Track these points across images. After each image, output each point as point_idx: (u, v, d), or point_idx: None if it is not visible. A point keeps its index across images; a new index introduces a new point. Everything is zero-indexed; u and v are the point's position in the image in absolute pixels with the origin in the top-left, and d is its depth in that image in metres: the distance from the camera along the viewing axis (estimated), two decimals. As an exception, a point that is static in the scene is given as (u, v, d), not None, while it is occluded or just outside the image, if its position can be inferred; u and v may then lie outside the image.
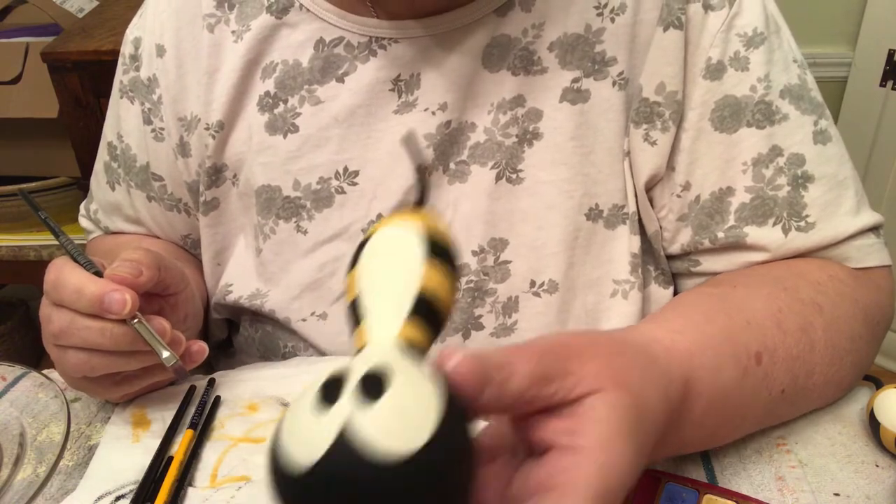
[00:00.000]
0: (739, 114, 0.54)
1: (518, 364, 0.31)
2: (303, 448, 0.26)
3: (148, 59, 0.63)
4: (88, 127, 1.20)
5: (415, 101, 0.56)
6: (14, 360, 0.55)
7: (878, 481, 0.46)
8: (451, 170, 0.57)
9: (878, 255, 0.56)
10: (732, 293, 0.50)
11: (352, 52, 0.57)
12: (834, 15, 1.63)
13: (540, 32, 0.55)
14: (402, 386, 0.27)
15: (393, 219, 0.35)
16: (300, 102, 0.58)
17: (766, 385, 0.46)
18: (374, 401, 0.26)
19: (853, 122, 1.66)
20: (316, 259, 0.59)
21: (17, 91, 1.29)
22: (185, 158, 0.63)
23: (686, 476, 0.45)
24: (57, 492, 0.47)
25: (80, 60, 1.15)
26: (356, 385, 0.27)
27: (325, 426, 0.26)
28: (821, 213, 0.54)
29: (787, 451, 0.49)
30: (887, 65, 1.58)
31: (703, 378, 0.41)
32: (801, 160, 0.54)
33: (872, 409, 0.49)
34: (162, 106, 0.63)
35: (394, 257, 0.33)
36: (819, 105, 0.56)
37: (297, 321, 0.60)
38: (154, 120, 0.64)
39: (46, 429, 0.50)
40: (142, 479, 0.47)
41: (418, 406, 0.27)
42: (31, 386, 0.53)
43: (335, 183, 0.58)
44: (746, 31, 0.54)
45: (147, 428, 0.52)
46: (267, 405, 0.54)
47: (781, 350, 0.47)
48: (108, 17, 1.30)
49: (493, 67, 0.56)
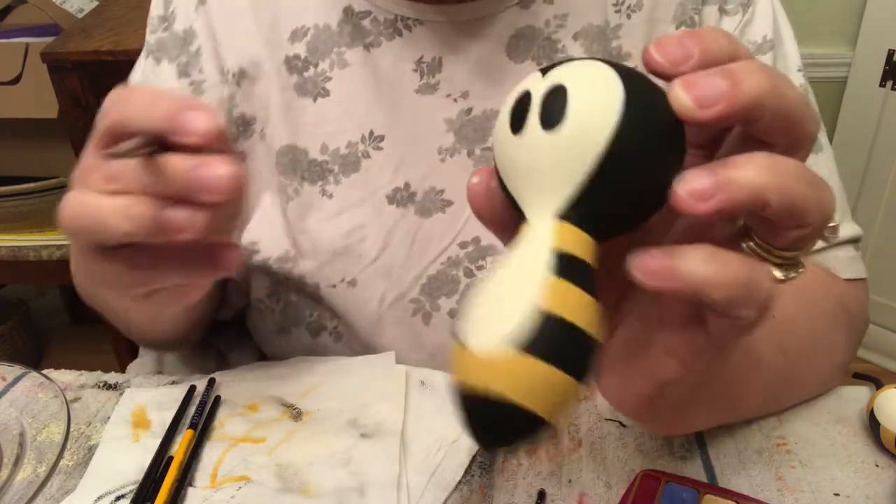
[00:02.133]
0: None
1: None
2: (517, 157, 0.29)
3: (184, 12, 0.61)
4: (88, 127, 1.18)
5: (436, 84, 0.57)
6: (14, 360, 0.55)
7: (878, 481, 0.46)
8: (476, 155, 0.57)
9: (855, 268, 0.57)
10: None
11: (378, 27, 0.57)
12: (834, 15, 1.63)
13: (563, 23, 0.56)
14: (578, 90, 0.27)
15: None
16: (331, 66, 0.58)
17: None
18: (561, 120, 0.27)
19: (853, 122, 1.66)
20: (342, 225, 0.58)
21: (16, 91, 1.30)
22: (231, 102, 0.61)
23: (686, 476, 0.45)
24: (57, 492, 0.47)
25: (80, 60, 1.15)
26: (541, 97, 0.28)
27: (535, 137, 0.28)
28: None
29: (787, 451, 0.49)
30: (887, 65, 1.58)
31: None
32: None
33: (872, 409, 0.49)
34: (201, 58, 0.61)
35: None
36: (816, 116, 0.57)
37: (326, 287, 0.59)
38: (192, 72, 0.61)
39: (46, 429, 0.50)
40: (142, 479, 0.47)
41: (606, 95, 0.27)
42: (31, 386, 0.53)
43: (361, 147, 0.58)
44: (756, 39, 0.56)
45: (147, 428, 0.52)
46: (267, 405, 0.54)
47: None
48: (107, 17, 1.30)
49: (518, 58, 0.57)
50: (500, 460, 0.49)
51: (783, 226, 0.28)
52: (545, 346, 0.26)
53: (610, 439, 0.50)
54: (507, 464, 0.48)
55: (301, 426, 0.51)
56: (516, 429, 0.27)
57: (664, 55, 0.28)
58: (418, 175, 0.58)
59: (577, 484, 0.47)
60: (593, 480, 0.47)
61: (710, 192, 0.26)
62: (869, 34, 1.60)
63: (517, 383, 0.26)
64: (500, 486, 0.47)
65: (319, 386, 0.55)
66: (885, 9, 1.57)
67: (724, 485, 0.46)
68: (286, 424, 0.52)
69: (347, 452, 0.49)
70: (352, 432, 0.50)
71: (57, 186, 1.39)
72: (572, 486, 0.47)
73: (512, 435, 0.27)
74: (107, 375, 0.58)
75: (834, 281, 0.56)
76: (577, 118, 0.27)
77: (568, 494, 0.46)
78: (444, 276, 0.56)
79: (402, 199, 0.58)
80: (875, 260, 1.64)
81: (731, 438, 0.50)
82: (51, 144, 1.33)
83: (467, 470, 0.48)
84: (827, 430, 0.50)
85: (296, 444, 0.50)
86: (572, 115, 0.27)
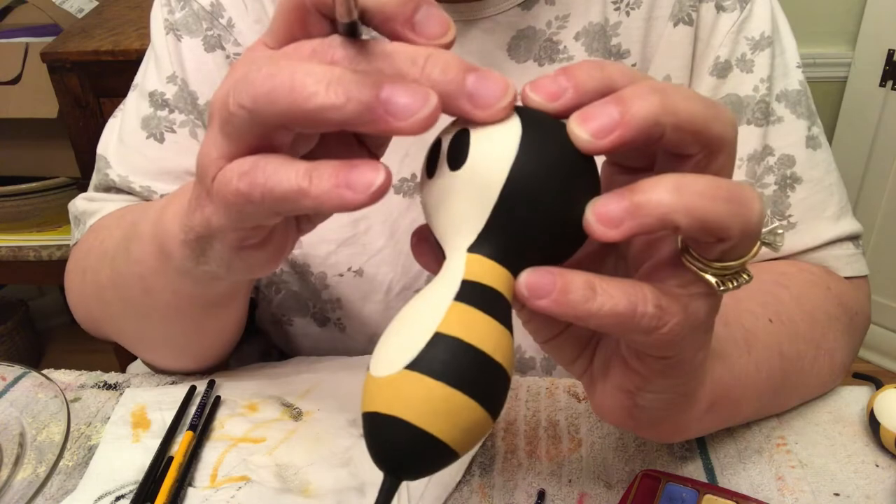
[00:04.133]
0: (741, 112, 0.56)
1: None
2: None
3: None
4: (88, 127, 1.20)
5: None
6: (14, 360, 0.55)
7: (878, 481, 0.46)
8: None
9: (856, 266, 0.57)
10: None
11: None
12: (834, 15, 1.63)
13: (564, 24, 0.57)
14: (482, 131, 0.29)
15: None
16: None
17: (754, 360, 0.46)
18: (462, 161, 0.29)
19: (853, 122, 1.66)
20: (348, 214, 0.58)
21: (16, 91, 1.30)
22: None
23: (686, 476, 0.45)
24: (57, 492, 0.47)
25: (80, 61, 1.15)
26: (446, 145, 0.30)
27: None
28: (803, 215, 0.56)
29: (787, 451, 0.49)
30: (887, 65, 1.58)
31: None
32: (792, 161, 0.56)
33: (872, 409, 0.49)
34: (234, 28, 0.60)
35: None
36: (813, 113, 0.58)
37: (332, 276, 0.59)
38: (226, 45, 0.60)
39: (46, 429, 0.50)
40: (142, 479, 0.47)
41: (505, 138, 0.28)
42: (31, 386, 0.53)
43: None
44: (754, 36, 0.56)
45: (147, 428, 0.51)
46: (267, 405, 0.54)
47: (745, 301, 0.48)
48: (107, 17, 1.30)
49: (520, 58, 0.57)
50: (500, 460, 0.49)
51: (703, 241, 0.29)
52: (439, 365, 0.27)
53: (610, 439, 0.50)
54: (507, 464, 0.48)
55: (301, 426, 0.51)
56: (415, 452, 0.27)
57: (540, 93, 0.29)
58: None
59: (577, 484, 0.47)
60: (593, 480, 0.47)
61: (618, 219, 0.27)
62: (869, 34, 1.60)
63: (410, 403, 0.27)
64: (500, 486, 0.47)
65: (319, 386, 0.55)
66: (885, 9, 1.57)
67: (724, 485, 0.46)
68: (286, 424, 0.52)
69: (347, 452, 0.49)
70: (352, 432, 0.50)
71: (57, 186, 1.39)
72: (572, 486, 0.47)
73: (411, 458, 0.28)
74: (107, 375, 0.58)
75: (833, 280, 0.56)
76: (478, 157, 0.28)
77: (568, 494, 0.46)
78: None
79: (408, 189, 0.58)
80: (875, 260, 1.64)
81: (731, 438, 0.50)
82: (51, 144, 1.33)
83: (467, 470, 0.48)
84: (827, 430, 0.50)
85: (296, 444, 0.50)
86: (473, 154, 0.28)
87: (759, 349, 0.46)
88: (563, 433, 0.51)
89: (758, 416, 0.50)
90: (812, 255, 0.56)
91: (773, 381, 0.47)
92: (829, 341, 0.52)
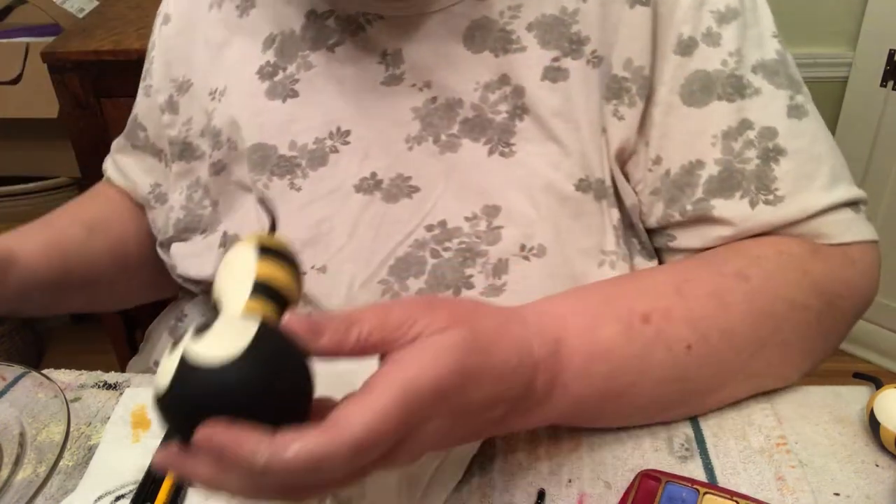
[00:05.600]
0: (710, 87, 0.55)
1: (366, 316, 0.37)
2: (161, 381, 0.35)
3: (157, 27, 0.71)
4: (88, 127, 1.20)
5: (402, 74, 0.59)
6: (14, 360, 0.55)
7: (878, 481, 0.46)
8: (441, 140, 0.58)
9: (855, 231, 0.55)
10: (639, 271, 0.55)
11: (342, 24, 0.60)
12: (834, 15, 1.63)
13: (517, 14, 0.57)
14: (225, 323, 0.36)
15: (239, 241, 0.43)
16: (297, 69, 0.61)
17: (661, 341, 0.47)
18: (203, 334, 0.35)
19: (853, 122, 1.66)
20: (310, 215, 0.60)
21: (17, 91, 1.30)
22: (172, 115, 0.68)
23: (686, 476, 0.45)
24: (57, 492, 0.47)
25: (80, 60, 1.15)
26: (191, 329, 0.36)
27: (173, 359, 0.35)
28: (791, 188, 0.54)
29: (787, 451, 0.49)
30: (888, 65, 1.58)
31: (576, 335, 0.46)
32: (773, 133, 0.54)
33: (872, 409, 0.49)
34: (151, 67, 0.70)
35: (236, 264, 0.41)
36: (796, 82, 0.56)
37: None
38: (146, 77, 0.72)
39: (46, 429, 0.50)
40: (142, 479, 0.47)
41: (238, 332, 0.35)
42: (31, 386, 0.53)
43: (329, 143, 0.60)
44: (719, 8, 0.55)
45: (147, 428, 0.52)
46: (267, 405, 0.54)
47: (678, 310, 0.48)
48: (108, 17, 1.30)
49: (476, 48, 0.57)
50: (500, 460, 0.49)
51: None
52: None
53: (610, 439, 0.50)
54: (507, 464, 0.48)
55: (301, 426, 0.51)
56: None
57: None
58: (384, 164, 0.59)
59: (577, 484, 0.47)
60: (593, 480, 0.47)
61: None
62: (869, 34, 1.60)
63: None
64: (499, 486, 0.47)
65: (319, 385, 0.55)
66: (885, 8, 1.56)
67: (724, 485, 0.46)
68: (286, 424, 0.52)
69: (347, 452, 0.49)
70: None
71: (57, 186, 1.39)
72: (572, 486, 0.47)
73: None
74: (107, 375, 0.58)
75: (815, 261, 0.53)
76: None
77: (568, 494, 0.46)
78: (411, 257, 0.57)
79: (368, 187, 0.59)
80: (875, 260, 1.64)
81: (732, 438, 0.50)
82: (51, 144, 1.33)
83: (467, 470, 0.48)
84: (827, 430, 0.50)
85: (296, 444, 0.50)
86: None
87: (673, 330, 0.48)
88: (563, 433, 0.51)
89: (680, 407, 0.51)
90: (805, 227, 0.54)
91: (688, 359, 0.48)
92: (785, 332, 0.51)
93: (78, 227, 0.70)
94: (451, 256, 0.56)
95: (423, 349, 0.37)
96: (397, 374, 0.35)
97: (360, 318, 0.37)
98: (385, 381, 0.35)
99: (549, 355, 0.43)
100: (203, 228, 0.68)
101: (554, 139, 0.56)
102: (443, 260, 0.56)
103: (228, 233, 0.64)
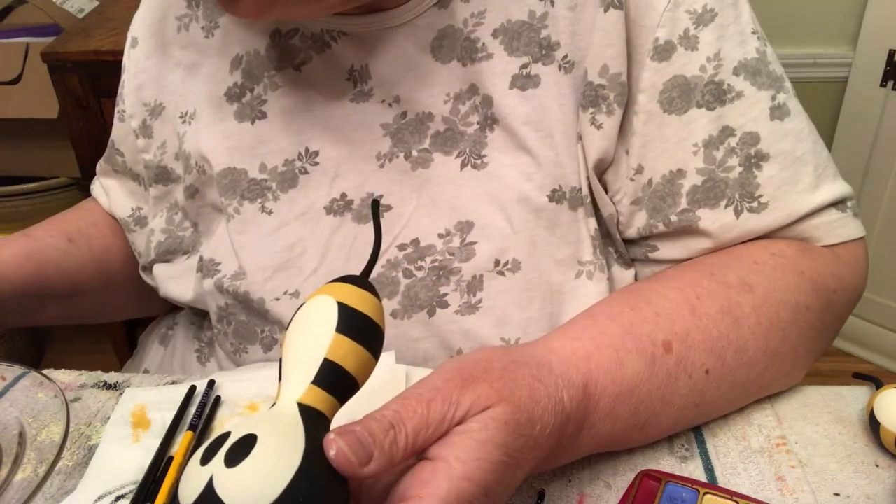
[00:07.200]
0: (689, 94, 0.53)
1: (406, 420, 0.35)
2: (185, 492, 0.32)
3: (126, 49, 0.69)
4: (88, 127, 1.20)
5: (370, 90, 0.58)
6: (14, 360, 0.55)
7: (878, 481, 0.46)
8: (413, 156, 0.58)
9: (841, 232, 0.54)
10: (647, 287, 0.52)
11: (307, 42, 0.59)
12: (834, 15, 1.63)
13: (481, 20, 0.56)
14: (265, 452, 0.32)
15: (326, 287, 0.39)
16: (265, 90, 0.61)
17: (683, 369, 0.47)
18: (237, 463, 0.32)
19: (853, 123, 1.66)
20: (282, 239, 0.59)
21: (17, 91, 1.30)
22: (147, 139, 0.68)
23: (686, 476, 0.45)
24: (57, 492, 0.47)
25: (80, 61, 1.15)
26: (227, 448, 0.32)
27: (200, 478, 0.32)
28: (775, 193, 0.53)
29: (787, 451, 0.49)
30: (888, 65, 1.58)
31: (603, 376, 0.44)
32: (756, 139, 0.53)
33: (872, 409, 0.49)
34: (123, 91, 0.69)
35: (311, 325, 0.37)
36: (778, 78, 0.55)
37: (270, 301, 0.60)
38: (119, 102, 0.70)
39: (46, 429, 0.50)
40: (142, 479, 0.47)
41: (279, 459, 0.32)
42: (31, 386, 0.53)
43: (298, 164, 0.60)
44: (696, 8, 0.53)
45: (147, 428, 0.52)
46: (267, 405, 0.54)
47: (696, 333, 0.48)
48: (108, 17, 1.30)
49: (444, 59, 0.57)
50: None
51: None
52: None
53: (610, 439, 0.50)
54: (507, 464, 0.48)
55: (301, 426, 0.51)
56: None
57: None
58: (354, 184, 0.59)
59: (576, 484, 0.47)
60: (593, 480, 0.47)
61: None
62: (869, 34, 1.60)
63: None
64: (499, 486, 0.47)
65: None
66: (885, 9, 1.57)
67: (724, 485, 0.46)
68: (286, 424, 0.52)
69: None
70: (352, 432, 0.50)
71: (57, 186, 1.39)
72: (572, 486, 0.47)
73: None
74: (107, 375, 0.58)
75: (808, 260, 0.53)
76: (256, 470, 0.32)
77: (568, 494, 0.46)
78: (384, 278, 0.56)
79: (338, 208, 0.58)
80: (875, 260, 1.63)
81: (732, 438, 0.50)
82: (51, 144, 1.33)
83: (467, 470, 0.48)
84: (827, 430, 0.50)
85: (296, 444, 0.50)
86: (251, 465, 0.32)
87: (693, 355, 0.47)
88: (563, 433, 0.51)
89: (695, 420, 0.51)
90: (791, 231, 0.54)
91: (707, 383, 0.48)
92: (793, 338, 0.51)
93: (58, 238, 0.69)
94: (425, 276, 0.56)
95: (467, 449, 0.35)
96: (446, 474, 0.34)
97: (401, 418, 0.35)
98: (434, 485, 0.34)
99: (578, 404, 0.42)
100: (185, 250, 0.68)
101: (525, 149, 0.55)
102: (416, 280, 0.56)
103: (205, 257, 0.63)
